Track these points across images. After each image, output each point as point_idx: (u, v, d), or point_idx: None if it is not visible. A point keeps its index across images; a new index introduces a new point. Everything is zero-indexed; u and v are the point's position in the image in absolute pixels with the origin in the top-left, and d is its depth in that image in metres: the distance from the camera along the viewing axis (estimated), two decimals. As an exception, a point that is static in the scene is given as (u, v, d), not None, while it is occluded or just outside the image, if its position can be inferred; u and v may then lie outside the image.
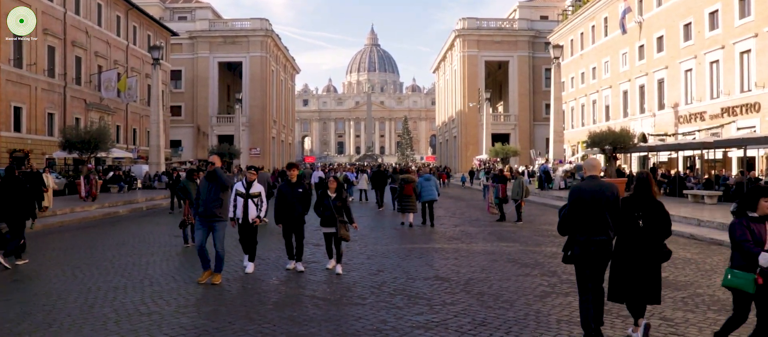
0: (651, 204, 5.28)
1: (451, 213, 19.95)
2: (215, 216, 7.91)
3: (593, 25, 47.47)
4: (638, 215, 5.24)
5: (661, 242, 5.27)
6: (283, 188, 8.88)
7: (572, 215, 5.41)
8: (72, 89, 38.32)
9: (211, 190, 7.92)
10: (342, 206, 8.70)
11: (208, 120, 63.21)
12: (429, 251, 11.09)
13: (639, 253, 5.20)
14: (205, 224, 7.97)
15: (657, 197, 5.39)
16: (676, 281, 8.18)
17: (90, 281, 8.23)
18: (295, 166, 9.16)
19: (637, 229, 5.23)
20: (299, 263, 8.92)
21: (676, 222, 15.65)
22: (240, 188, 8.70)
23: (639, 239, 5.21)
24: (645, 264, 5.20)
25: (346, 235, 8.61)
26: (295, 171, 9.04)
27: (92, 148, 24.26)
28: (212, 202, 7.87)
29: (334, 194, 8.77)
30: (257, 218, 8.69)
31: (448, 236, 13.49)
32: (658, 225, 5.22)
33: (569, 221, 5.45)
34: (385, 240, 12.72)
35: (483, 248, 11.38)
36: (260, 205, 8.76)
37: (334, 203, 8.64)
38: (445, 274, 8.70)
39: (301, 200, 8.78)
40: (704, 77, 31.68)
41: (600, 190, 5.33)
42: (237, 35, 63.37)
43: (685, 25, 33.67)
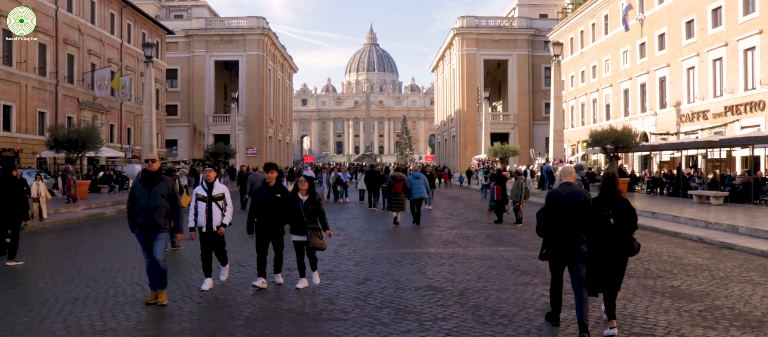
0: (618, 202, 5.68)
1: (448, 214, 19.28)
2: (159, 227, 6.78)
3: (593, 23, 46.83)
4: (609, 213, 5.64)
5: (629, 236, 5.67)
6: (259, 193, 7.83)
7: (549, 218, 5.77)
8: (64, 88, 37.62)
9: (152, 196, 6.76)
10: (315, 210, 7.62)
11: (204, 119, 62.58)
12: (422, 256, 10.41)
13: (612, 248, 5.61)
14: (146, 238, 6.80)
15: (622, 194, 5.79)
16: (690, 291, 7.51)
17: (50, 290, 7.56)
18: (274, 167, 7.97)
19: (608, 226, 5.63)
20: (278, 275, 7.97)
21: (682, 224, 15.02)
22: (200, 191, 7.60)
23: (611, 235, 5.61)
24: (617, 258, 5.64)
25: (320, 243, 7.53)
26: (274, 173, 7.88)
27: (80, 147, 23.57)
28: (154, 210, 6.73)
29: (305, 197, 7.69)
30: (222, 226, 7.60)
31: (444, 239, 12.81)
32: (627, 220, 5.64)
33: (546, 224, 5.82)
34: (376, 244, 12.06)
35: (480, 252, 10.69)
36: (225, 209, 7.64)
37: (306, 207, 7.57)
38: (439, 283, 8.02)
39: (280, 207, 7.70)
40: (707, 75, 31.04)
41: (575, 195, 5.68)
42: (233, 34, 62.72)
43: (687, 22, 33.02)
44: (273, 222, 7.68)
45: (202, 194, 7.56)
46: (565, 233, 5.61)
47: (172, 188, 6.93)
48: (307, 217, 7.53)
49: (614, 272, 5.66)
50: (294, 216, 7.64)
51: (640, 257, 10.23)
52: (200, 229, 7.56)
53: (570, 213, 5.61)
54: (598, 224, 5.66)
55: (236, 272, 8.81)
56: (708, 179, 23.26)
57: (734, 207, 18.56)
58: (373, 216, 18.56)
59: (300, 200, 7.66)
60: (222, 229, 7.60)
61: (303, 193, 7.73)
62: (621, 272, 5.73)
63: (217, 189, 7.62)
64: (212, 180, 7.63)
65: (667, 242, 12.36)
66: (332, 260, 9.99)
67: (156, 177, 6.84)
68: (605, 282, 5.66)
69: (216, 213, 7.55)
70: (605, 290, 5.68)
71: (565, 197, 5.69)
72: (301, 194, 7.72)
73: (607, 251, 5.62)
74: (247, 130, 62.00)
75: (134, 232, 6.85)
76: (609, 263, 5.62)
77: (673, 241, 12.61)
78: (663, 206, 19.23)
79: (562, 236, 5.63)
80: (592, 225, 5.68)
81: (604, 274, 5.65)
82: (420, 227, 15.16)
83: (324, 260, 9.78)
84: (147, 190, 6.77)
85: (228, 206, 7.67)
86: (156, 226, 6.76)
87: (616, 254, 5.63)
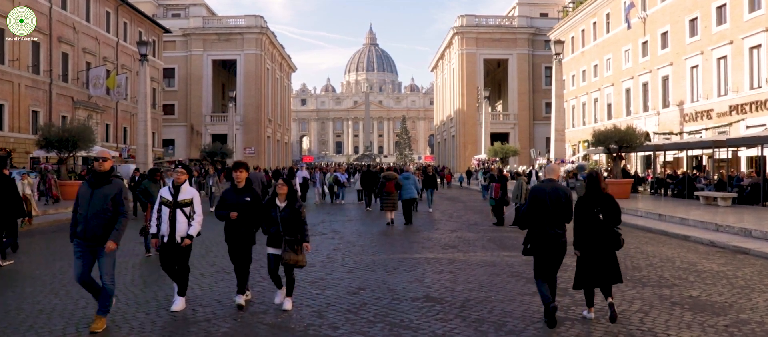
0: (604, 198, 6.08)
1: (448, 216, 18.67)
2: (101, 239, 5.66)
3: (595, 22, 46.27)
4: (597, 210, 6.00)
5: (616, 231, 6.09)
6: (226, 196, 6.79)
7: (531, 212, 6.17)
8: (58, 86, 37.03)
9: (94, 200, 5.66)
10: (292, 219, 6.46)
11: (202, 119, 62.02)
12: (420, 262, 9.80)
13: (601, 242, 6.00)
14: (87, 250, 5.72)
15: (605, 191, 6.17)
16: (711, 302, 6.93)
17: (15, 301, 6.98)
18: (243, 167, 6.89)
19: (598, 222, 6.00)
20: (240, 296, 6.72)
21: (691, 227, 14.45)
22: (165, 193, 6.53)
23: (600, 230, 6.00)
24: (607, 251, 6.03)
25: (295, 259, 6.36)
26: (244, 173, 6.81)
27: (71, 146, 22.98)
28: (97, 218, 5.63)
29: (283, 203, 6.55)
30: (188, 237, 6.43)
31: (444, 243, 12.21)
32: (614, 215, 6.05)
33: (529, 217, 6.21)
34: (372, 248, 11.45)
35: (482, 258, 10.09)
36: (193, 217, 6.48)
37: (284, 215, 6.44)
38: (438, 293, 7.42)
39: (249, 213, 6.64)
40: (711, 74, 30.48)
41: (556, 191, 6.15)
42: (231, 32, 62.16)
43: (690, 20, 32.46)
44: (240, 230, 6.67)
45: (167, 198, 6.48)
46: (548, 225, 6.04)
47: (119, 192, 5.81)
48: (284, 227, 6.44)
49: (609, 266, 6.03)
50: (269, 225, 6.57)
51: (652, 263, 9.66)
52: (162, 238, 6.47)
53: (552, 207, 6.05)
54: (586, 219, 6.02)
55: (220, 279, 8.23)
56: (714, 180, 22.68)
57: (743, 209, 17.99)
58: (369, 218, 17.98)
59: (277, 207, 6.55)
60: (186, 240, 6.45)
61: (281, 198, 6.59)
62: (616, 264, 6.11)
63: (185, 193, 6.51)
64: (181, 183, 6.55)
65: (677, 246, 11.78)
66: (324, 266, 9.40)
67: (104, 179, 5.77)
68: (599, 276, 6.02)
69: (181, 221, 6.42)
70: (601, 284, 6.03)
71: (548, 191, 6.13)
72: (279, 199, 6.60)
73: (597, 245, 6.01)
74: (245, 129, 61.45)
75: (73, 242, 5.80)
76: (600, 258, 6.01)
77: (683, 245, 12.04)
78: (669, 208, 18.66)
79: (545, 228, 6.05)
80: (578, 220, 6.08)
81: (596, 269, 6.00)
82: (419, 231, 14.57)
83: (315, 267, 9.20)
84: (90, 192, 5.72)
85: (196, 213, 6.54)
86: (95, 237, 5.66)
87: (605, 248, 6.01)
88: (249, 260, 6.80)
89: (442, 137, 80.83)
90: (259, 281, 8.03)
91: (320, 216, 18.85)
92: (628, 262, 9.69)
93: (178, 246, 6.45)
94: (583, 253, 6.04)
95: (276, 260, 6.62)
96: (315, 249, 11.21)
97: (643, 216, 17.35)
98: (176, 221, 6.42)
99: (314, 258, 10.02)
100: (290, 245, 6.41)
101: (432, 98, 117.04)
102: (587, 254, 6.02)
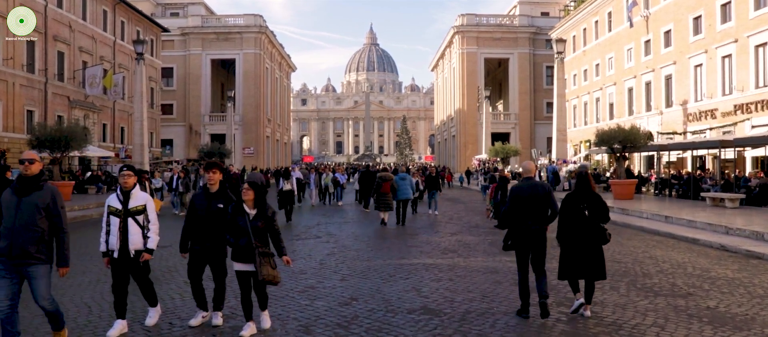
0: (592, 197, 6.42)
1: (448, 218, 18.18)
2: (28, 256, 4.75)
3: (596, 21, 45.77)
4: (584, 206, 6.35)
5: (602, 227, 6.40)
6: (196, 201, 5.95)
7: (513, 210, 6.48)
8: (54, 86, 36.57)
9: (25, 211, 4.78)
10: (266, 228, 5.58)
11: (201, 119, 61.58)
12: (418, 268, 9.29)
13: (586, 237, 6.32)
14: (13, 271, 4.79)
15: (594, 190, 6.50)
16: (731, 314, 6.42)
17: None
18: (217, 167, 5.94)
19: (583, 218, 6.34)
20: (218, 313, 5.99)
21: (699, 229, 13.97)
22: (113, 201, 5.61)
23: (586, 225, 6.33)
24: (592, 246, 6.32)
25: (272, 275, 5.46)
26: (217, 174, 5.91)
27: (64, 146, 22.50)
28: (27, 232, 4.75)
29: (253, 210, 5.56)
30: (146, 252, 5.61)
31: (443, 247, 11.71)
32: (600, 213, 6.36)
33: (510, 215, 6.51)
34: (368, 253, 10.96)
35: (484, 264, 9.58)
36: (148, 227, 5.60)
37: (254, 225, 5.50)
38: (436, 303, 6.92)
39: (223, 221, 5.71)
40: (715, 73, 29.98)
41: (534, 188, 6.48)
42: (230, 32, 61.71)
43: (694, 18, 31.96)
44: (213, 240, 5.84)
45: (115, 207, 5.54)
46: (529, 221, 6.34)
47: (52, 201, 4.91)
48: (256, 237, 5.48)
49: (594, 260, 6.32)
50: (237, 236, 5.53)
51: (662, 269, 9.17)
52: (111, 253, 5.53)
53: (531, 203, 6.36)
54: (572, 215, 6.38)
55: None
56: (720, 181, 22.18)
57: (751, 211, 17.49)
58: (367, 219, 17.47)
59: (246, 215, 5.52)
60: (146, 255, 5.59)
61: (249, 205, 5.56)
62: (601, 260, 6.37)
63: (136, 200, 5.57)
64: (130, 187, 5.60)
65: (686, 250, 11.30)
66: (317, 272, 8.89)
67: (32, 185, 4.89)
68: (583, 269, 6.30)
69: (133, 232, 5.50)
70: (586, 277, 6.33)
71: (526, 189, 6.47)
72: (246, 205, 5.56)
73: (583, 239, 6.31)
74: (244, 129, 61.02)
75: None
76: (585, 251, 6.31)
77: (692, 249, 11.55)
78: (675, 209, 18.17)
79: (526, 224, 6.34)
80: (564, 213, 6.44)
81: (580, 261, 6.30)
82: (417, 234, 14.11)
83: (307, 274, 8.72)
84: (17, 201, 4.82)
85: (151, 223, 5.62)
86: (23, 254, 4.74)
87: (591, 243, 6.32)
88: (224, 272, 5.99)
89: (443, 137, 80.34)
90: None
91: (316, 218, 18.35)
92: (637, 268, 9.21)
93: (132, 262, 5.56)
94: (567, 246, 6.39)
95: (246, 278, 5.60)
96: (307, 254, 10.73)
97: (649, 218, 16.86)
98: (128, 233, 5.51)
99: (306, 264, 9.57)
100: (264, 258, 5.45)
101: (432, 98, 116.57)
102: (571, 247, 6.36)
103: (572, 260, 6.33)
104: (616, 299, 7.03)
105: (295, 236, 13.70)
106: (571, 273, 6.37)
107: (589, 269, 6.27)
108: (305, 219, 18.02)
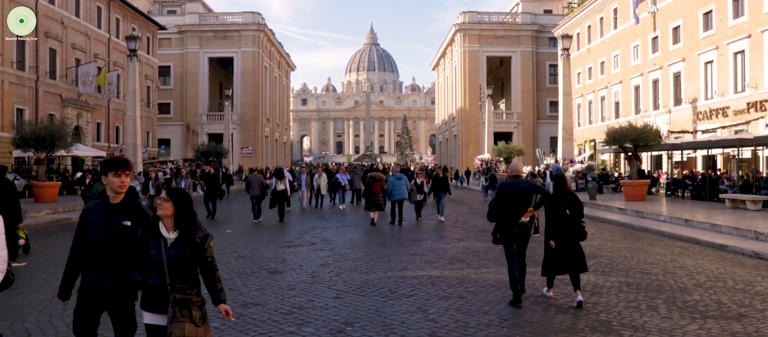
0: (569, 196, 6.97)
1: (453, 220, 17.11)
2: None
3: (601, 17, 44.72)
4: (564, 206, 6.88)
5: (581, 223, 6.97)
6: (89, 216, 3.88)
7: (499, 206, 7.04)
8: (45, 83, 35.56)
9: None
10: (193, 261, 3.63)
11: (198, 118, 60.63)
12: (423, 282, 8.15)
13: (568, 233, 6.84)
14: None
15: (570, 190, 7.09)
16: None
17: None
18: (125, 167, 3.87)
19: (565, 216, 6.88)
20: None
21: (725, 234, 12.93)
22: None
23: (568, 223, 6.87)
24: (573, 242, 6.87)
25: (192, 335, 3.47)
26: (126, 178, 3.86)
27: (48, 145, 21.48)
28: None
29: (172, 233, 3.64)
30: None
31: (450, 255, 10.62)
32: (578, 210, 6.95)
33: (497, 210, 7.07)
34: (367, 264, 9.84)
35: (497, 276, 8.46)
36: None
37: (174, 255, 3.57)
38: (447, 329, 5.80)
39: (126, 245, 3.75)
40: (727, 69, 28.95)
41: (519, 185, 7.04)
42: (228, 29, 60.74)
43: (705, 13, 30.93)
44: (114, 277, 3.77)
45: None
46: (515, 216, 6.89)
47: None
48: (174, 275, 3.56)
49: (576, 255, 6.84)
50: (147, 272, 3.65)
51: (699, 282, 8.13)
52: None
53: (516, 199, 6.90)
54: (555, 214, 6.91)
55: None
56: (738, 181, 21.14)
57: (774, 213, 16.46)
58: (367, 224, 16.37)
59: (161, 240, 3.62)
60: None
61: (168, 225, 3.64)
62: (582, 254, 6.93)
63: None
64: None
65: (717, 259, 10.26)
66: (307, 289, 7.74)
67: None
68: (567, 265, 6.81)
69: None
70: (570, 271, 6.81)
71: (511, 185, 7.06)
72: (164, 226, 3.65)
73: (564, 235, 6.83)
74: (242, 129, 60.04)
75: None
76: (568, 248, 6.82)
77: (723, 257, 10.52)
78: (694, 212, 17.14)
79: (514, 218, 6.88)
80: (552, 216, 6.93)
81: (564, 258, 6.81)
82: (421, 240, 13.07)
83: (296, 290, 7.61)
84: None
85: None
86: None
87: (572, 239, 6.84)
88: (132, 325, 3.88)
89: (444, 137, 79.32)
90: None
91: (311, 221, 17.23)
92: (670, 281, 8.17)
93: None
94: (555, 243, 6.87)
95: (156, 334, 3.65)
96: (298, 265, 9.61)
97: (668, 221, 15.81)
98: None
99: (296, 277, 8.52)
100: (183, 308, 3.50)
101: (433, 98, 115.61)
102: (557, 244, 6.85)
103: (556, 258, 6.86)
104: (659, 322, 5.99)
105: (286, 242, 12.65)
106: (555, 270, 6.93)
107: (573, 264, 6.80)
108: (300, 223, 16.98)
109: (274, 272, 8.89)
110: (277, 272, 8.81)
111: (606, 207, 20.19)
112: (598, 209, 20.21)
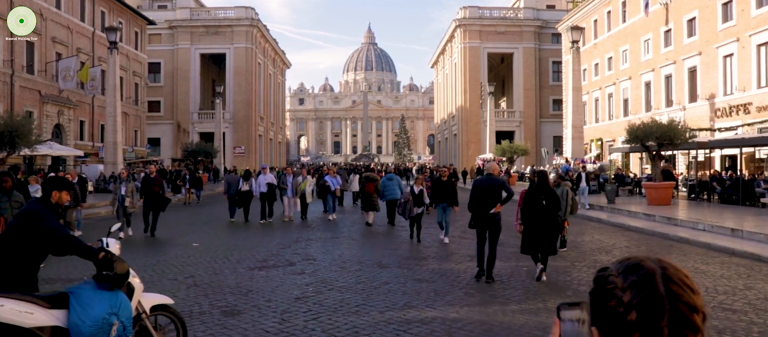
0: (549, 191, 8.35)
1: (461, 231, 14.04)
2: None
3: (609, 11, 42.70)
4: (541, 198, 8.21)
5: (556, 215, 8.43)
6: None
7: (474, 198, 8.60)
8: (22, 79, 33.41)
9: None
10: None
11: (189, 116, 58.50)
12: (436, 332, 5.86)
13: (543, 222, 8.18)
14: None
15: (551, 186, 8.56)
16: None
17: None
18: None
19: (541, 207, 8.20)
20: None
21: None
22: None
23: (543, 213, 8.19)
24: (547, 229, 8.23)
25: None
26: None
27: (9, 143, 19.30)
28: None
29: None
30: None
31: (465, 282, 8.34)
32: (554, 203, 8.33)
33: (473, 203, 8.60)
34: (357, 296, 7.54)
35: (532, 317, 6.18)
36: None
37: None
38: None
39: None
40: (749, 63, 26.92)
41: (490, 182, 8.61)
42: (220, 25, 58.64)
43: (724, 3, 28.90)
44: None
45: None
46: (487, 208, 8.36)
47: None
48: None
49: (548, 239, 8.23)
50: None
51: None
52: None
53: (487, 193, 8.42)
54: (533, 204, 8.21)
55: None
56: (774, 183, 19.12)
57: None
58: (363, 236, 14.17)
59: None
60: None
61: None
62: (554, 240, 8.43)
63: None
64: None
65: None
66: (274, 335, 5.57)
67: None
68: (540, 245, 8.23)
69: None
70: (542, 252, 8.31)
71: (483, 181, 8.68)
72: None
73: (541, 223, 8.13)
74: (234, 127, 57.94)
75: None
76: (542, 233, 8.16)
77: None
78: (735, 219, 15.07)
79: (484, 209, 8.37)
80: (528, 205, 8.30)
81: (538, 240, 8.18)
82: (426, 258, 10.96)
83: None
84: None
85: None
86: None
87: (546, 226, 8.16)
88: None
89: (443, 136, 77.28)
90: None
91: (294, 233, 14.50)
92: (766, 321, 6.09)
93: None
94: (528, 228, 8.21)
95: None
96: (267, 298, 7.35)
97: (708, 230, 13.67)
98: None
99: (257, 323, 6.22)
100: None
101: (431, 98, 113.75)
102: (531, 229, 8.16)
103: (531, 239, 8.17)
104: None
105: (259, 261, 10.19)
106: (531, 249, 8.31)
107: (544, 246, 8.19)
108: (281, 234, 14.34)
109: (229, 312, 6.64)
110: (234, 312, 6.61)
111: (628, 212, 18.09)
112: (619, 214, 18.12)
